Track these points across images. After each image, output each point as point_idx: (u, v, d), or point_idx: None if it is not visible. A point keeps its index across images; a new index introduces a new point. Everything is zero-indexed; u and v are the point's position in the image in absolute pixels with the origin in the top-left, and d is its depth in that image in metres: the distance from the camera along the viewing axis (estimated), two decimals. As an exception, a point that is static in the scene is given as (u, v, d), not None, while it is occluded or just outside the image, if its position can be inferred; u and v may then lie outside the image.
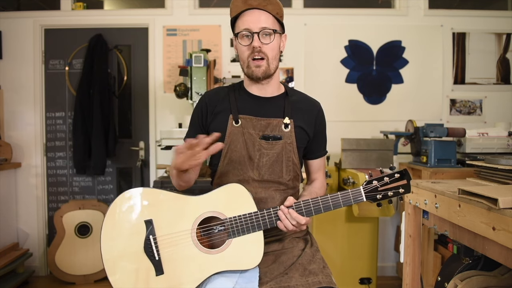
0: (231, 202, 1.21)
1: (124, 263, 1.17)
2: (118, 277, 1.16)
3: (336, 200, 1.20)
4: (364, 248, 2.61)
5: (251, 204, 1.21)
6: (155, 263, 1.16)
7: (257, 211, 1.20)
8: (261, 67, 1.28)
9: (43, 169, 3.27)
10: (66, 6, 3.26)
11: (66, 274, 3.06)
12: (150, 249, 1.16)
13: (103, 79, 3.14)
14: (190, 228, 1.19)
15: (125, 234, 1.18)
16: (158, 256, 1.17)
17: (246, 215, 1.19)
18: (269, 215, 1.20)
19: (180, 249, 1.18)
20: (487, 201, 1.21)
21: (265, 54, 1.27)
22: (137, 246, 1.17)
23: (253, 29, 1.25)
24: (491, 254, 1.28)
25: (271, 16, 1.27)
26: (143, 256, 1.17)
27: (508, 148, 2.66)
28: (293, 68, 3.25)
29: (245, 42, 1.27)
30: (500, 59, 3.31)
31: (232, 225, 1.18)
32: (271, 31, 1.26)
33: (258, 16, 1.25)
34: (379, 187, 1.19)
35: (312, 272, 1.24)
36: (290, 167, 1.33)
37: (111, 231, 1.18)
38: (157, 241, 1.17)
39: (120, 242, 1.17)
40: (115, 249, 1.17)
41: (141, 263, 1.17)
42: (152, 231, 1.17)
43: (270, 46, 1.27)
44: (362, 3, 3.37)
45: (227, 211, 1.20)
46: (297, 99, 1.39)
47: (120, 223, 1.19)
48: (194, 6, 3.27)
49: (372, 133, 3.18)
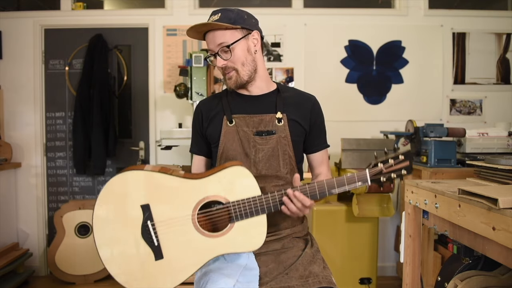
0: (234, 185, 1.17)
1: (120, 248, 1.14)
2: (114, 264, 1.14)
3: (340, 182, 1.18)
4: (364, 248, 2.61)
5: (254, 187, 1.18)
6: (154, 248, 1.15)
7: (261, 195, 1.17)
8: (232, 78, 1.32)
9: (43, 169, 3.27)
10: (66, 6, 3.26)
11: (66, 274, 3.06)
12: (149, 235, 1.14)
13: (103, 79, 3.14)
14: (191, 213, 1.16)
15: (120, 220, 1.14)
16: (157, 241, 1.14)
17: (250, 199, 1.17)
18: (273, 198, 1.18)
19: (181, 234, 1.15)
20: (487, 201, 1.21)
21: (232, 68, 1.31)
22: (134, 232, 1.14)
23: (213, 49, 1.31)
24: (491, 254, 1.28)
25: (225, 30, 1.27)
26: (141, 242, 1.14)
27: (508, 148, 2.66)
28: (293, 68, 3.25)
29: (214, 62, 1.33)
30: (500, 59, 3.31)
31: (235, 209, 1.16)
32: (226, 47, 1.28)
33: (212, 36, 1.29)
34: (384, 170, 1.18)
35: (313, 273, 1.24)
36: (287, 160, 1.33)
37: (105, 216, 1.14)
38: (155, 226, 1.15)
39: (114, 228, 1.14)
40: (109, 235, 1.14)
41: (139, 249, 1.14)
42: (150, 216, 1.14)
43: (232, 59, 1.29)
44: (362, 3, 3.37)
45: (230, 195, 1.17)
46: (290, 94, 1.41)
47: (114, 208, 1.15)
48: (194, 6, 3.27)
49: (372, 133, 3.18)
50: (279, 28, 3.24)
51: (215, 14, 1.28)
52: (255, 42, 1.33)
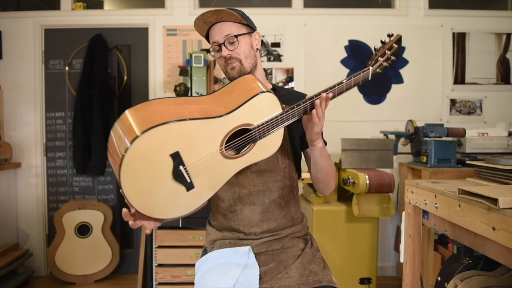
0: (260, 111, 1.18)
1: (152, 193, 1.11)
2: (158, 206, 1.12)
3: (356, 80, 1.29)
4: (364, 248, 2.61)
5: (277, 107, 1.19)
6: (187, 184, 1.13)
7: (282, 112, 1.18)
8: (235, 68, 1.33)
9: (43, 169, 3.27)
10: (66, 6, 3.26)
11: (66, 274, 3.06)
12: (181, 176, 1.12)
13: (103, 79, 3.14)
14: (218, 148, 1.15)
15: (151, 173, 1.09)
16: (189, 178, 1.13)
17: (273, 118, 1.17)
18: (298, 108, 1.19)
19: (212, 167, 1.15)
20: (487, 201, 1.21)
21: (236, 58, 1.32)
22: (166, 177, 1.10)
23: (219, 40, 1.31)
24: (491, 254, 1.28)
25: (233, 23, 1.32)
26: (172, 183, 1.11)
27: (508, 148, 2.66)
28: (293, 68, 3.25)
29: (217, 55, 1.34)
30: (500, 59, 3.31)
31: (259, 131, 1.17)
32: (234, 37, 1.31)
33: (220, 27, 1.32)
34: (382, 63, 1.35)
35: (313, 272, 1.24)
36: (285, 154, 1.35)
37: (133, 176, 1.06)
38: (187, 168, 1.12)
39: (145, 181, 1.09)
40: (140, 187, 1.09)
41: (171, 187, 1.12)
42: (181, 161, 1.11)
43: (238, 50, 1.32)
44: (362, 3, 3.37)
45: (256, 119, 1.17)
46: (284, 93, 1.43)
47: (142, 167, 1.08)
48: (194, 6, 3.27)
49: (372, 133, 3.18)
50: (279, 28, 3.24)
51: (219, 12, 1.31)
52: (256, 42, 1.37)
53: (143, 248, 2.58)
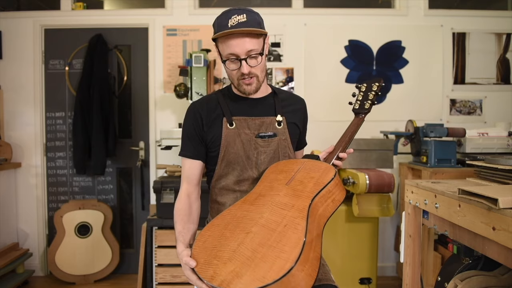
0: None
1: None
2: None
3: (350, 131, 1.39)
4: (364, 248, 2.61)
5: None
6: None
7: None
8: (252, 85, 1.28)
9: (43, 169, 3.27)
10: (66, 6, 3.26)
11: (66, 274, 3.06)
12: None
13: (103, 79, 3.14)
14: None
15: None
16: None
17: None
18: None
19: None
20: (487, 201, 1.21)
21: (255, 74, 1.26)
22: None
23: (240, 54, 1.21)
24: (491, 254, 1.28)
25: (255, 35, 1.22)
26: None
27: (508, 148, 2.66)
28: (293, 68, 3.25)
29: (233, 67, 1.25)
30: (500, 59, 3.31)
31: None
32: (257, 54, 1.23)
33: (243, 42, 1.20)
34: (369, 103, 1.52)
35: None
36: (286, 158, 1.36)
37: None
38: None
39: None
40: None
41: None
42: None
43: (258, 67, 1.26)
44: (362, 3, 3.37)
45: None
46: (285, 97, 1.43)
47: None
48: (194, 6, 3.27)
49: (372, 133, 3.18)
50: (279, 28, 3.24)
51: (240, 14, 1.20)
52: (266, 46, 1.30)
53: (143, 248, 2.58)
